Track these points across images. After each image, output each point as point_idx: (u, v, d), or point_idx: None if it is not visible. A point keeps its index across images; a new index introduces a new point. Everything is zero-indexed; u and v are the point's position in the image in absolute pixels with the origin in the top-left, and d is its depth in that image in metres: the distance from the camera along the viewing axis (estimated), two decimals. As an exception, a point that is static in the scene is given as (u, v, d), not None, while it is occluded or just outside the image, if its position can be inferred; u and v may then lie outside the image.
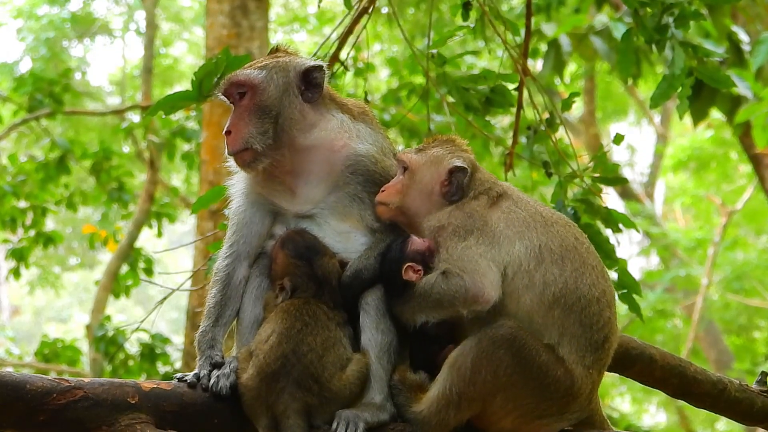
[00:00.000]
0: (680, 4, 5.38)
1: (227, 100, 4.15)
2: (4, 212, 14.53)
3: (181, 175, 20.61)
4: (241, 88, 4.09)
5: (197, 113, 13.83)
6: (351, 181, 4.08)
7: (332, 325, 3.87)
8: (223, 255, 4.16)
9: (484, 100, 5.96)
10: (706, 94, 9.36)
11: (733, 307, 21.58)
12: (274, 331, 3.82)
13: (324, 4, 19.64)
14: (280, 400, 3.71)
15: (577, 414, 3.82)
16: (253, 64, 4.19)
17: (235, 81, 4.11)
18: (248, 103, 4.07)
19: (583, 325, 3.77)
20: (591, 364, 3.77)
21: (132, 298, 21.21)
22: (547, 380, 3.71)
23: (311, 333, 3.80)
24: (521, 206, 3.95)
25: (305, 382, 3.72)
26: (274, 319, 3.89)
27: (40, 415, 3.65)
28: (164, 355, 13.33)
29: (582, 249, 3.90)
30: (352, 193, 4.08)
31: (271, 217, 4.17)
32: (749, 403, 4.65)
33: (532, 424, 3.78)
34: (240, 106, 4.09)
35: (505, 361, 3.66)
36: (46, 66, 18.12)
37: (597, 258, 3.94)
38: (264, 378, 3.74)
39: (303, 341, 3.78)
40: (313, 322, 3.84)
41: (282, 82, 4.10)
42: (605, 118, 24.18)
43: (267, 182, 4.13)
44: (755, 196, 20.53)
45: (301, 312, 3.87)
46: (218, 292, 4.09)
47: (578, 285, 3.80)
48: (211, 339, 4.00)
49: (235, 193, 4.23)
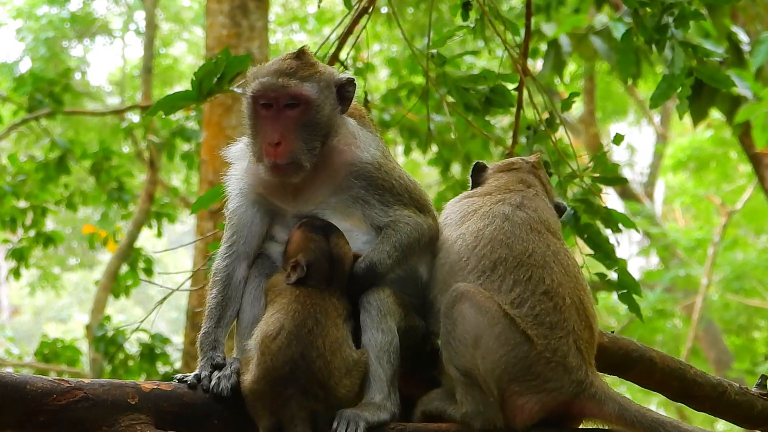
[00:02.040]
0: (680, 4, 5.38)
1: (263, 103, 4.02)
2: (4, 212, 14.53)
3: (181, 175, 20.60)
4: (294, 99, 4.01)
5: (197, 113, 13.83)
6: (354, 185, 4.08)
7: (340, 322, 3.83)
8: (222, 255, 4.14)
9: (484, 100, 5.96)
10: (706, 94, 9.35)
11: (732, 307, 21.59)
12: (283, 327, 3.75)
13: (324, 4, 19.65)
14: (287, 407, 3.68)
15: (558, 385, 3.86)
16: (299, 74, 4.04)
17: (290, 93, 4.00)
18: (299, 117, 4.01)
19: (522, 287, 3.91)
20: (550, 327, 3.87)
21: (132, 298, 21.22)
22: (506, 334, 3.82)
23: (321, 334, 3.75)
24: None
25: (312, 389, 3.69)
26: (286, 309, 3.81)
27: (40, 415, 3.65)
28: (164, 355, 13.33)
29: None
30: (355, 195, 4.08)
31: (269, 217, 4.16)
32: (749, 406, 4.64)
33: (522, 393, 3.86)
34: (287, 116, 4.01)
35: (468, 314, 3.82)
36: (46, 66, 18.13)
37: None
38: (270, 382, 3.70)
39: (312, 344, 3.72)
40: (324, 319, 3.79)
41: (331, 99, 4.09)
42: (605, 118, 24.17)
43: (269, 182, 4.11)
44: (755, 196, 20.53)
45: (315, 308, 3.81)
46: (219, 293, 4.07)
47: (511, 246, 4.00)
48: (213, 340, 3.98)
49: (233, 192, 4.20)
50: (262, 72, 4.08)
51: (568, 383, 3.88)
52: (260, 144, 4.02)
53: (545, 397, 3.87)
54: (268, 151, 3.98)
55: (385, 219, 4.06)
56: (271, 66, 4.09)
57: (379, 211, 4.06)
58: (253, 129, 4.07)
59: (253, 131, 4.07)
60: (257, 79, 4.05)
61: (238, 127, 11.06)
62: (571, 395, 3.89)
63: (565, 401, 3.89)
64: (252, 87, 4.05)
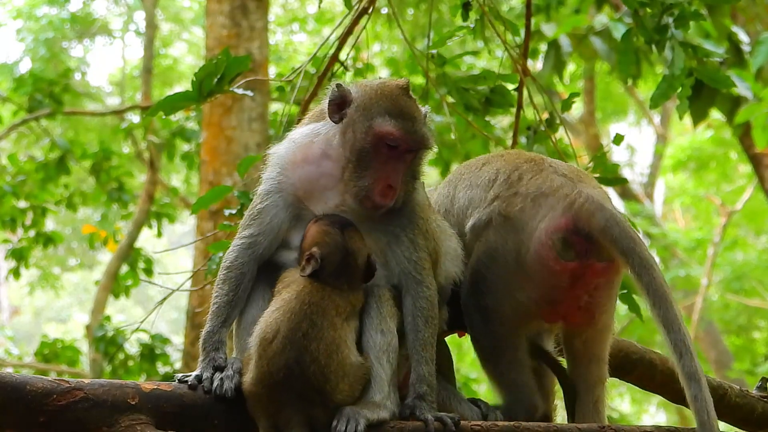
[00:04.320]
0: (680, 4, 5.38)
1: (390, 144, 3.97)
2: (4, 212, 14.54)
3: (180, 176, 20.60)
4: (422, 148, 4.03)
5: (197, 114, 13.83)
6: (393, 221, 4.06)
7: (339, 322, 3.80)
8: (238, 250, 4.05)
9: (484, 101, 5.96)
10: (706, 94, 9.34)
11: (732, 308, 21.59)
12: (279, 330, 3.73)
13: (324, 5, 19.65)
14: (284, 411, 3.68)
15: (546, 211, 4.03)
16: (422, 120, 4.05)
17: (423, 143, 4.01)
18: (412, 161, 4.03)
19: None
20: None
21: (132, 299, 21.24)
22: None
23: (316, 338, 3.72)
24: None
25: (308, 394, 3.68)
26: (284, 308, 3.78)
27: (40, 416, 3.65)
28: (164, 355, 13.34)
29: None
30: (389, 230, 4.04)
31: (293, 224, 4.09)
32: (749, 408, 4.64)
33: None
34: (405, 160, 4.00)
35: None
36: (46, 66, 18.12)
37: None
38: (267, 386, 3.70)
39: (307, 349, 3.70)
40: (321, 320, 3.76)
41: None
42: (605, 119, 24.18)
43: (309, 191, 4.07)
44: (755, 196, 20.53)
45: (312, 308, 3.78)
46: (230, 291, 4.00)
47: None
48: (217, 341, 3.93)
49: (269, 189, 4.09)
50: (392, 110, 4.00)
51: (555, 201, 4.03)
52: (373, 182, 3.95)
53: (543, 224, 4.01)
54: (384, 193, 3.94)
55: (408, 267, 4.01)
56: (399, 106, 4.01)
57: (405, 249, 4.02)
58: (366, 162, 3.96)
59: (365, 164, 3.96)
60: (390, 119, 3.98)
61: (238, 128, 11.07)
62: (565, 209, 4.01)
63: (564, 218, 4.00)
64: (384, 127, 3.97)
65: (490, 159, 4.41)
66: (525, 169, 4.19)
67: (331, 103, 4.06)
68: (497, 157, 4.39)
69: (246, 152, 10.34)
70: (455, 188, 4.39)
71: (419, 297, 3.97)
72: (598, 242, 4.00)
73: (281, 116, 6.17)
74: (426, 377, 3.88)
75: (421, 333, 3.93)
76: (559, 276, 4.01)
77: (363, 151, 3.97)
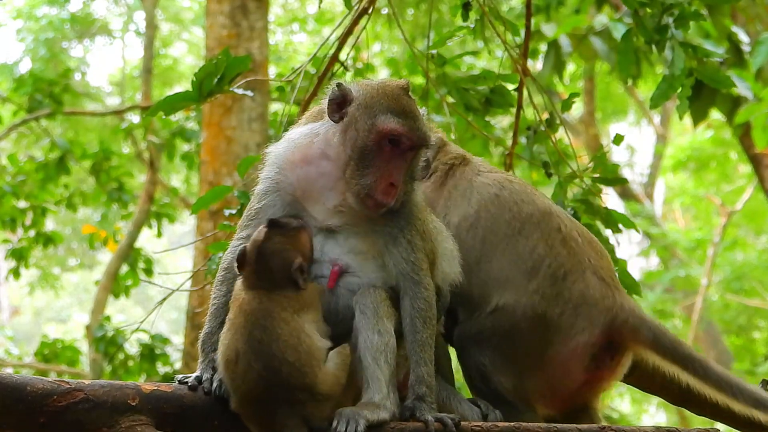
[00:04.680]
0: (680, 4, 5.37)
1: (392, 141, 3.96)
2: (4, 212, 14.54)
3: (180, 176, 20.60)
4: (422, 145, 4.03)
5: (197, 114, 13.83)
6: (390, 221, 4.04)
7: (289, 315, 3.76)
8: (236, 248, 4.05)
9: (484, 101, 5.96)
10: (706, 94, 9.36)
11: (732, 308, 21.58)
12: (238, 350, 3.70)
13: (324, 5, 19.65)
14: (277, 419, 3.68)
15: (586, 324, 4.05)
16: (423, 118, 4.05)
17: (425, 140, 4.01)
18: (412, 160, 4.03)
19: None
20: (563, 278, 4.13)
21: (132, 299, 21.23)
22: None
23: (272, 339, 3.69)
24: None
25: (293, 396, 3.67)
26: (235, 325, 3.76)
27: (41, 416, 3.65)
28: (164, 355, 13.33)
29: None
30: (386, 230, 4.02)
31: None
32: (750, 411, 4.63)
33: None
34: (406, 158, 4.00)
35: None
36: (46, 66, 18.13)
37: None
38: (251, 402, 3.71)
39: (270, 353, 3.67)
40: (270, 322, 3.72)
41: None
42: (605, 119, 24.18)
43: (308, 191, 4.06)
44: (755, 197, 20.53)
45: (258, 314, 3.75)
46: (229, 292, 4.00)
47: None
48: (216, 341, 3.93)
49: (267, 189, 4.09)
50: (395, 108, 3.99)
51: (597, 314, 4.02)
52: (375, 180, 3.94)
53: (581, 337, 4.01)
54: (387, 191, 3.93)
55: (405, 268, 3.99)
56: (402, 104, 4.01)
57: (402, 250, 4.00)
58: (368, 160, 3.95)
59: (367, 162, 3.95)
60: (393, 116, 3.97)
61: (238, 128, 11.07)
62: (606, 325, 4.02)
63: (602, 334, 4.02)
64: (387, 124, 3.96)
65: (524, 223, 4.26)
66: (569, 268, 4.14)
67: (332, 102, 4.04)
68: (533, 227, 4.24)
69: (246, 152, 10.34)
70: (490, 246, 4.27)
71: (417, 298, 3.97)
72: (625, 353, 4.11)
73: (281, 116, 6.16)
74: (425, 378, 3.88)
75: (420, 334, 3.92)
76: (575, 380, 4.11)
77: (365, 149, 3.96)
